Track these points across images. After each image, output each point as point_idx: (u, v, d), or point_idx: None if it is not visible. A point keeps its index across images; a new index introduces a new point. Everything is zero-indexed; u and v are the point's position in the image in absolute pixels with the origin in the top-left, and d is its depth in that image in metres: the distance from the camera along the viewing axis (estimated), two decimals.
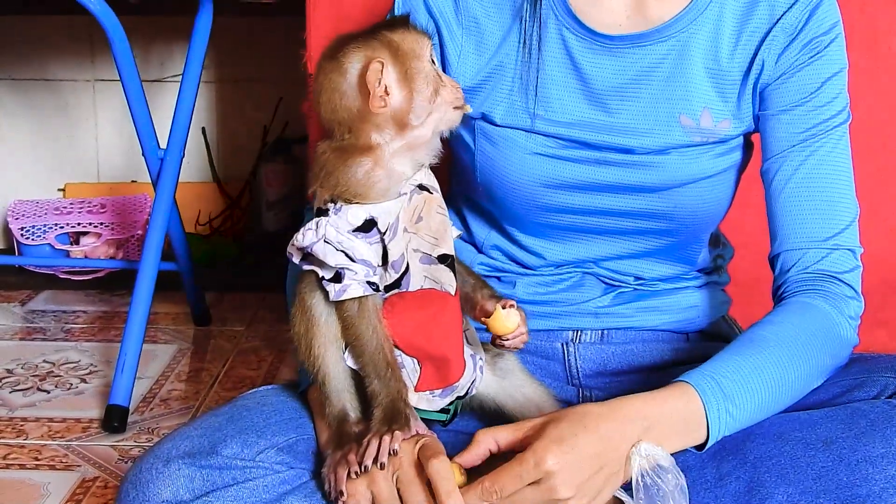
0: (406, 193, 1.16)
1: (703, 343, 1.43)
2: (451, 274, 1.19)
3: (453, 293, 1.19)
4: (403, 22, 1.17)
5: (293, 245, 1.16)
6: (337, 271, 1.13)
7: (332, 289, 1.14)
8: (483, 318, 1.21)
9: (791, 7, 1.30)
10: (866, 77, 1.33)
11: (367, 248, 1.13)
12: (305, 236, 1.14)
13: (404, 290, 1.16)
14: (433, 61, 1.17)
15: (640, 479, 1.08)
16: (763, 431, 1.17)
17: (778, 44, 1.31)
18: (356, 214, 1.13)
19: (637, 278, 1.41)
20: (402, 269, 1.15)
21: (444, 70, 1.35)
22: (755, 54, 1.31)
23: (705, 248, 1.44)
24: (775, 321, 1.25)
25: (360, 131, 1.14)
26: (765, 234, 1.81)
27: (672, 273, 1.42)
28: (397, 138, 1.14)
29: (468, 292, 1.23)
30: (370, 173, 1.13)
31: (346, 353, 1.17)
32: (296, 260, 1.18)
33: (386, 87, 1.12)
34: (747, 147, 1.37)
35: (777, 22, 1.30)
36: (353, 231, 1.13)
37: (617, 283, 1.40)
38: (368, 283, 1.14)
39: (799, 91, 1.31)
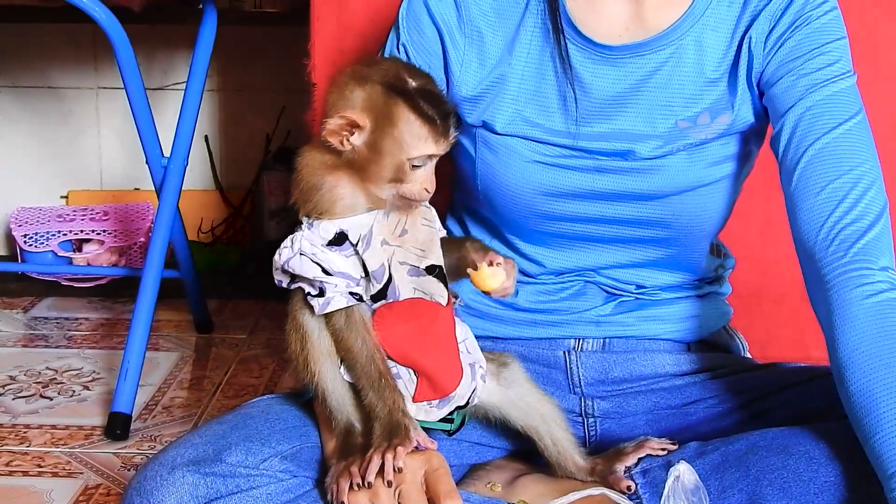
0: (380, 210, 1.16)
1: (704, 353, 1.44)
2: (441, 284, 1.19)
3: (444, 303, 1.19)
4: (434, 114, 1.13)
5: (275, 267, 1.19)
6: (320, 286, 1.15)
7: (317, 303, 1.15)
8: (469, 271, 1.20)
9: None
10: (866, 88, 1.33)
11: (343, 261, 1.15)
12: (282, 254, 1.17)
13: (391, 300, 1.17)
14: (418, 164, 1.14)
15: (671, 495, 1.14)
16: (767, 444, 1.18)
17: (765, 25, 1.30)
18: (327, 229, 1.15)
19: (638, 287, 1.41)
20: (385, 279, 1.16)
21: (446, 79, 1.36)
22: (741, 41, 1.30)
23: (706, 258, 1.45)
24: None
25: (333, 151, 1.15)
26: (766, 246, 1.83)
27: (673, 282, 1.42)
28: (358, 175, 1.15)
29: (458, 250, 1.22)
30: (333, 191, 1.15)
31: (342, 367, 1.18)
32: (284, 283, 1.19)
33: (348, 137, 1.14)
34: (745, 155, 1.37)
35: (765, 7, 1.30)
36: (327, 245, 1.15)
37: (618, 292, 1.41)
38: (352, 293, 1.15)
39: (794, 52, 1.29)
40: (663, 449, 1.26)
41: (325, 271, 1.14)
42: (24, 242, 2.80)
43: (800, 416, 1.26)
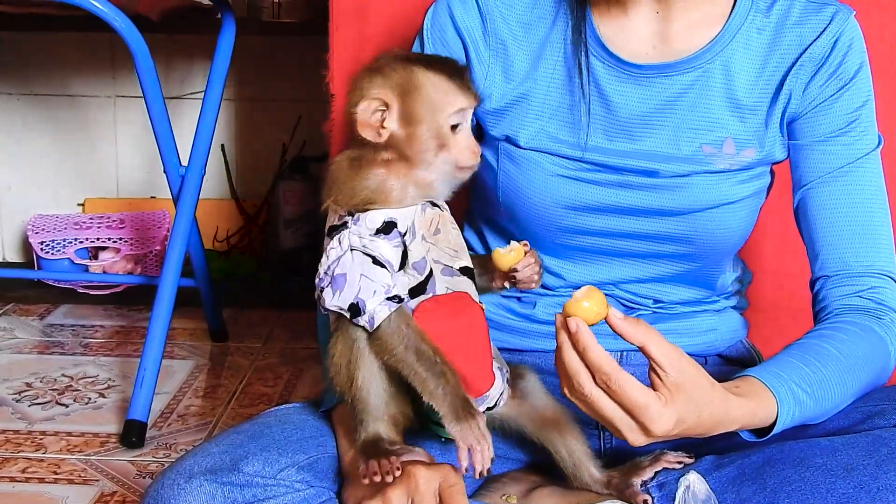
0: (419, 204, 1.18)
1: (722, 367, 1.44)
2: (473, 286, 1.20)
3: (479, 301, 1.20)
4: (451, 70, 1.18)
5: (319, 277, 1.17)
6: (356, 304, 1.13)
7: (364, 321, 1.14)
8: (492, 253, 1.22)
9: (819, 36, 1.31)
10: (887, 104, 1.34)
11: (390, 249, 1.15)
12: (329, 255, 1.16)
13: (430, 294, 1.17)
14: (456, 125, 1.16)
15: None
16: (783, 457, 1.17)
17: (805, 73, 1.32)
18: (374, 218, 1.15)
19: (656, 301, 1.41)
20: (426, 271, 1.16)
21: None
22: (782, 83, 1.32)
23: (725, 274, 1.45)
24: (839, 337, 1.25)
25: (374, 147, 1.16)
26: (783, 260, 1.82)
27: (691, 297, 1.42)
28: (402, 166, 1.16)
29: (480, 259, 1.25)
30: (384, 182, 1.16)
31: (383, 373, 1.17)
32: (327, 303, 1.16)
33: (382, 122, 1.15)
34: (771, 174, 1.38)
35: (805, 51, 1.31)
36: (374, 234, 1.15)
37: (636, 306, 1.41)
38: (389, 299, 1.14)
39: (831, 124, 1.33)
40: (679, 462, 1.26)
41: (375, 261, 1.14)
42: (41, 250, 2.81)
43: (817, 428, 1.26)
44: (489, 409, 1.22)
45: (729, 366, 1.45)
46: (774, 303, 1.82)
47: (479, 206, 1.47)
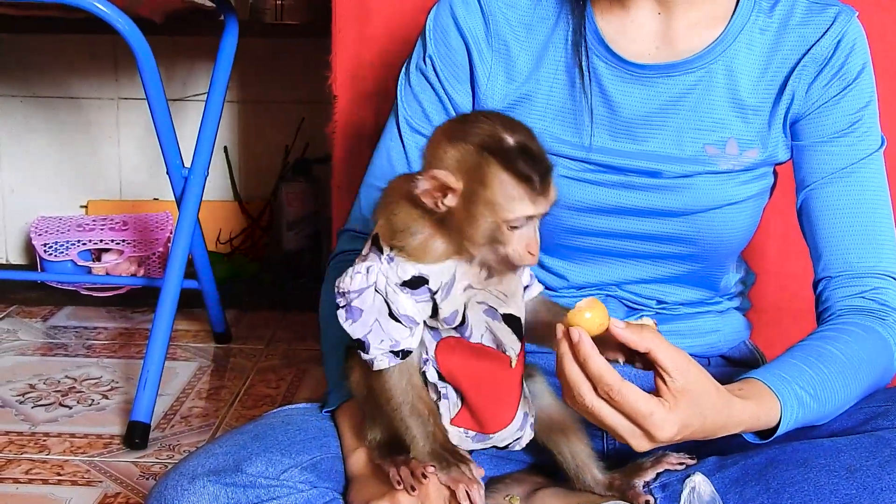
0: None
1: (725, 368, 1.44)
2: (514, 336, 1.15)
3: (515, 356, 1.16)
4: (530, 172, 1.05)
5: (338, 291, 1.12)
6: (363, 342, 1.11)
7: (366, 358, 1.12)
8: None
9: (822, 37, 1.31)
10: (890, 105, 1.34)
11: (412, 305, 1.10)
12: (354, 279, 1.11)
13: (463, 336, 1.14)
14: (517, 226, 1.06)
15: None
16: (786, 458, 1.17)
17: (808, 74, 1.32)
18: (406, 270, 1.10)
19: (659, 302, 1.41)
20: (456, 323, 1.13)
21: (472, 92, 1.36)
22: (785, 84, 1.32)
23: (728, 274, 1.45)
24: (842, 339, 1.26)
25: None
26: (785, 261, 1.82)
27: (694, 298, 1.42)
28: (453, 232, 1.09)
29: (552, 308, 1.19)
30: (428, 242, 1.10)
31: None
32: (341, 320, 1.13)
33: (443, 197, 1.07)
34: (774, 174, 1.38)
35: (808, 52, 1.32)
36: (401, 285, 1.10)
37: (639, 307, 1.41)
38: (394, 352, 1.11)
39: (834, 124, 1.33)
40: (682, 463, 1.26)
41: (391, 313, 1.10)
42: (44, 252, 2.81)
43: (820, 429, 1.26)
44: (501, 447, 1.20)
45: (732, 367, 1.45)
46: (777, 304, 1.83)
47: None
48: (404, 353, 1.12)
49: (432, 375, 1.15)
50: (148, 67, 2.02)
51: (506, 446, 1.21)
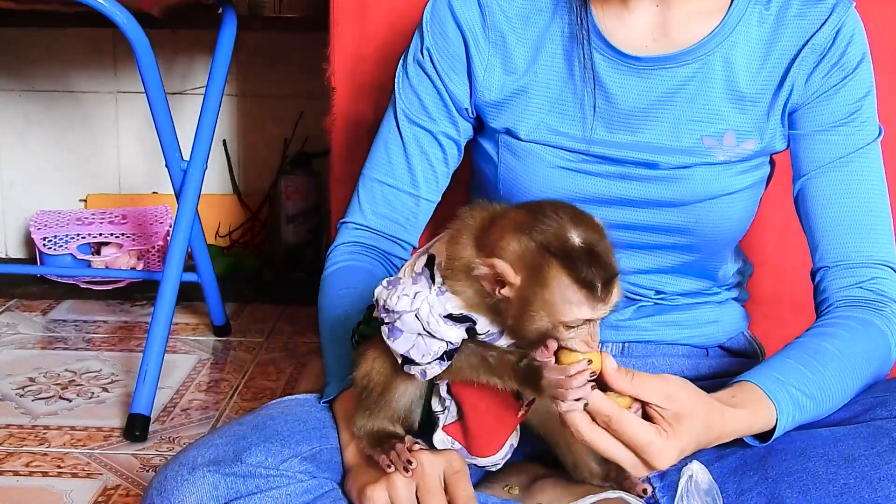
0: None
1: (723, 359, 1.44)
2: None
3: (526, 408, 1.14)
4: (592, 277, 1.01)
5: (378, 305, 1.09)
6: (408, 358, 1.08)
7: (415, 372, 1.09)
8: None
9: (820, 28, 1.31)
10: (887, 96, 1.35)
11: (452, 333, 1.06)
12: (401, 301, 1.06)
13: None
14: (573, 326, 1.03)
15: (684, 495, 1.15)
16: (785, 448, 1.18)
17: (807, 64, 1.32)
18: (457, 307, 1.06)
19: (658, 292, 1.42)
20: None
21: (469, 83, 1.36)
22: (785, 75, 1.33)
23: (726, 265, 1.45)
24: (839, 334, 1.26)
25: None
26: (784, 253, 1.83)
27: (693, 288, 1.43)
28: (506, 312, 1.05)
29: None
30: (482, 303, 1.06)
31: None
32: (384, 335, 1.09)
33: (500, 290, 1.03)
34: (771, 164, 1.38)
35: (807, 43, 1.32)
36: (446, 317, 1.06)
37: (637, 297, 1.41)
38: (439, 358, 1.08)
39: (833, 114, 1.33)
40: None
41: (429, 334, 1.06)
42: (44, 245, 2.81)
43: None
44: (479, 465, 1.20)
45: (730, 357, 1.46)
46: (775, 295, 1.83)
47: (478, 198, 1.47)
48: (449, 355, 1.08)
49: (443, 388, 1.15)
50: (147, 61, 2.03)
51: (481, 467, 1.21)
